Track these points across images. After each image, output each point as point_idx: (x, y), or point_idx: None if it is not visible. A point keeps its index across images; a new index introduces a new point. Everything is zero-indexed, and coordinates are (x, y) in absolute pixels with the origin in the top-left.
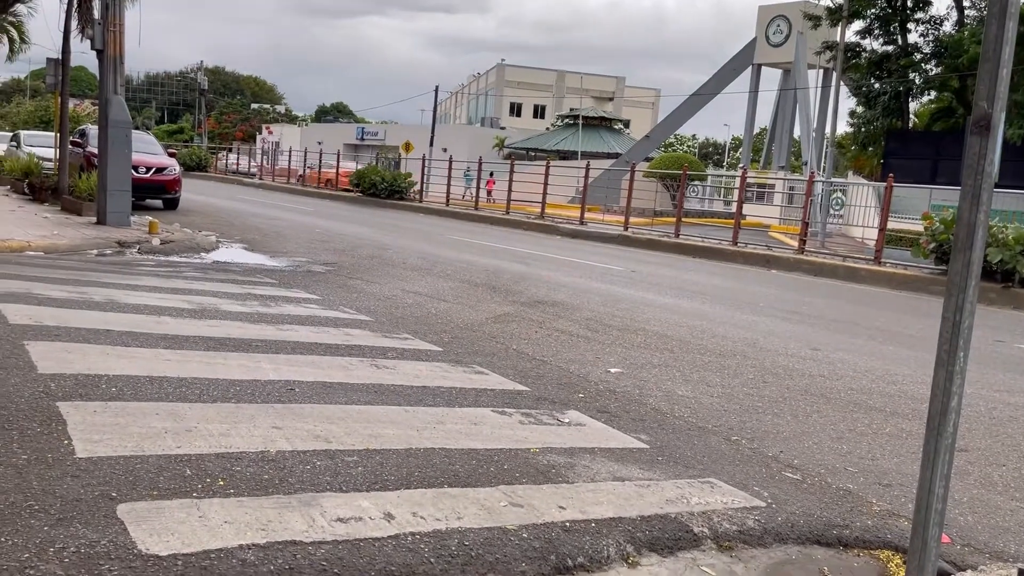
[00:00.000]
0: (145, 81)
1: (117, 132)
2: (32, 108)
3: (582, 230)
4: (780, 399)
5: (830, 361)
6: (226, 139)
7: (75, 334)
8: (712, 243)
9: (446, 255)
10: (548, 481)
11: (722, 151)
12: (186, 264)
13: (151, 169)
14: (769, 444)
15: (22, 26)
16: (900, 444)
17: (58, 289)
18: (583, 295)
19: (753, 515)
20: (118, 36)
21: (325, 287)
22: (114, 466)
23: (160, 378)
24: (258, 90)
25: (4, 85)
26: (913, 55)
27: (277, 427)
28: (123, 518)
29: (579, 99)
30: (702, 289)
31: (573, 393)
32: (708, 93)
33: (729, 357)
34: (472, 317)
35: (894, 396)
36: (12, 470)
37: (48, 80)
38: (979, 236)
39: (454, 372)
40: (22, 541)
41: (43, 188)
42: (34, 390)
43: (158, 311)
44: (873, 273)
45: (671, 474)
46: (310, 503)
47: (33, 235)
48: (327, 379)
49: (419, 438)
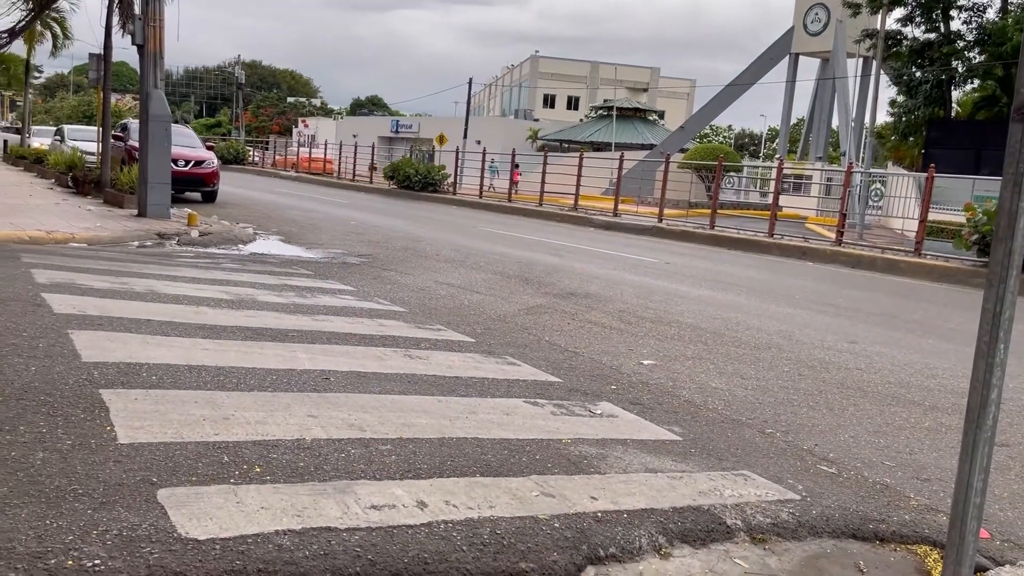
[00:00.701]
0: (184, 76)
1: (157, 126)
2: (75, 103)
3: (616, 222)
4: (816, 392)
5: (867, 354)
6: (263, 132)
7: (117, 323)
8: (747, 235)
9: (479, 247)
10: (580, 472)
11: (758, 142)
12: (224, 255)
13: (190, 162)
14: (804, 437)
15: (65, 22)
16: (939, 438)
17: (101, 280)
18: (616, 287)
19: (787, 508)
20: (158, 31)
21: (360, 278)
22: (154, 452)
23: (199, 367)
24: (294, 84)
25: (48, 80)
26: (956, 42)
27: (312, 415)
28: (163, 503)
29: (613, 90)
30: (737, 281)
31: (605, 385)
32: (744, 83)
33: (764, 350)
34: (505, 308)
35: (933, 390)
36: (57, 455)
37: (91, 75)
38: (1021, 225)
39: (487, 363)
40: (67, 524)
41: (86, 181)
42: (78, 378)
43: (197, 301)
44: (913, 265)
45: (704, 466)
46: (344, 490)
47: (77, 227)
48: (361, 369)
49: (452, 427)
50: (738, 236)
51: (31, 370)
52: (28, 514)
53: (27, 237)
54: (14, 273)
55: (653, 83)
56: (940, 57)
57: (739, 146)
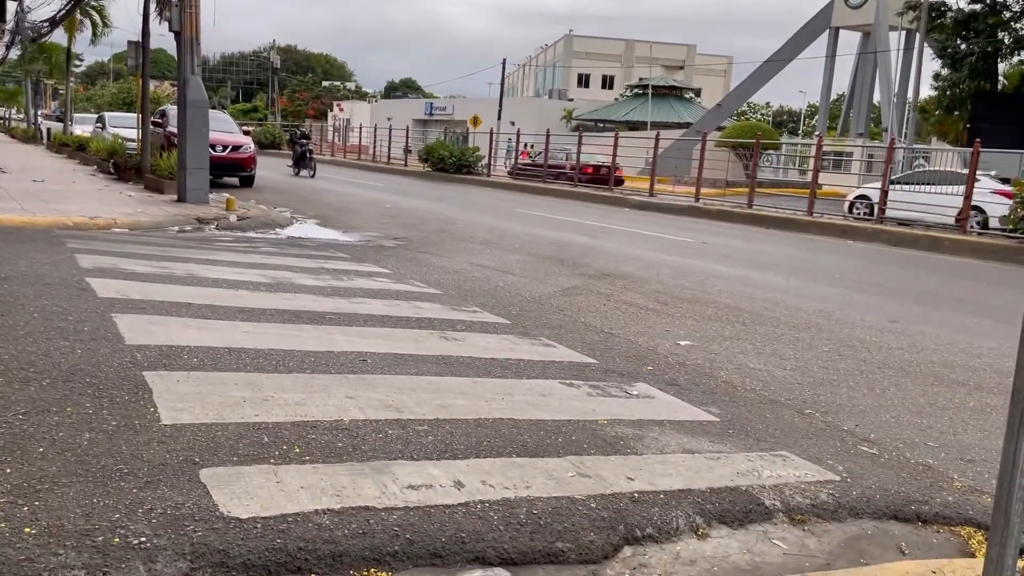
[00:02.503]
0: (221, 61)
1: (195, 112)
2: (115, 90)
3: (651, 202)
4: (856, 372)
5: (909, 333)
6: (298, 117)
7: (159, 307)
8: (786, 213)
9: (513, 228)
10: (616, 452)
11: (797, 119)
12: (262, 239)
13: (227, 147)
14: (844, 418)
15: (103, 10)
16: (984, 419)
17: (142, 264)
18: (652, 267)
19: (827, 489)
20: (194, 18)
21: (395, 261)
22: (196, 433)
23: (238, 349)
24: (329, 67)
25: (88, 69)
26: (1002, 13)
27: (350, 397)
28: (206, 482)
29: (648, 68)
30: (775, 261)
31: (642, 365)
32: (783, 59)
33: (803, 330)
34: (540, 290)
35: (978, 370)
36: (103, 435)
37: (129, 62)
38: None
39: (522, 344)
40: (113, 502)
41: (127, 167)
42: (122, 360)
43: (236, 285)
44: (957, 243)
45: (742, 447)
46: (382, 470)
47: (118, 213)
48: (398, 351)
49: (488, 408)
50: (777, 215)
51: (77, 353)
52: (76, 493)
53: (71, 223)
54: (59, 258)
55: (689, 61)
56: (986, 29)
57: (777, 123)
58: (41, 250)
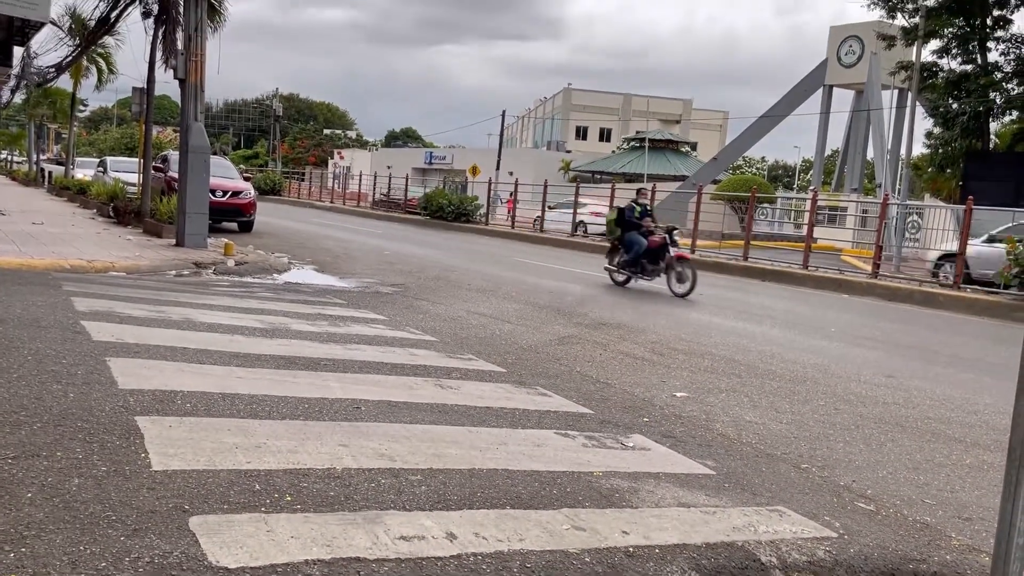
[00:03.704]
0: (223, 108)
1: (196, 157)
2: (118, 135)
3: None
4: (853, 427)
5: (906, 388)
6: (299, 164)
7: (153, 351)
8: (781, 266)
9: (511, 277)
10: (611, 505)
11: (792, 173)
12: (259, 285)
13: (227, 193)
14: (841, 473)
15: (110, 57)
16: (981, 476)
17: (138, 308)
18: (648, 317)
19: (824, 546)
20: (199, 66)
21: (392, 308)
22: (187, 479)
23: (232, 395)
24: (330, 116)
25: (92, 113)
26: (994, 74)
27: (343, 445)
28: (195, 530)
29: (645, 122)
30: (771, 313)
31: (638, 417)
32: (777, 115)
33: (799, 383)
34: (536, 339)
35: (975, 426)
36: (92, 481)
37: (133, 108)
38: None
39: (518, 393)
40: (99, 550)
41: (127, 211)
42: (114, 404)
43: (231, 330)
44: (951, 299)
45: (738, 501)
46: (374, 520)
47: (116, 256)
48: (392, 398)
49: (482, 459)
50: (772, 268)
51: (69, 396)
52: (63, 540)
53: (68, 266)
54: (55, 301)
55: (686, 115)
56: (977, 89)
57: (773, 177)
58: (37, 293)
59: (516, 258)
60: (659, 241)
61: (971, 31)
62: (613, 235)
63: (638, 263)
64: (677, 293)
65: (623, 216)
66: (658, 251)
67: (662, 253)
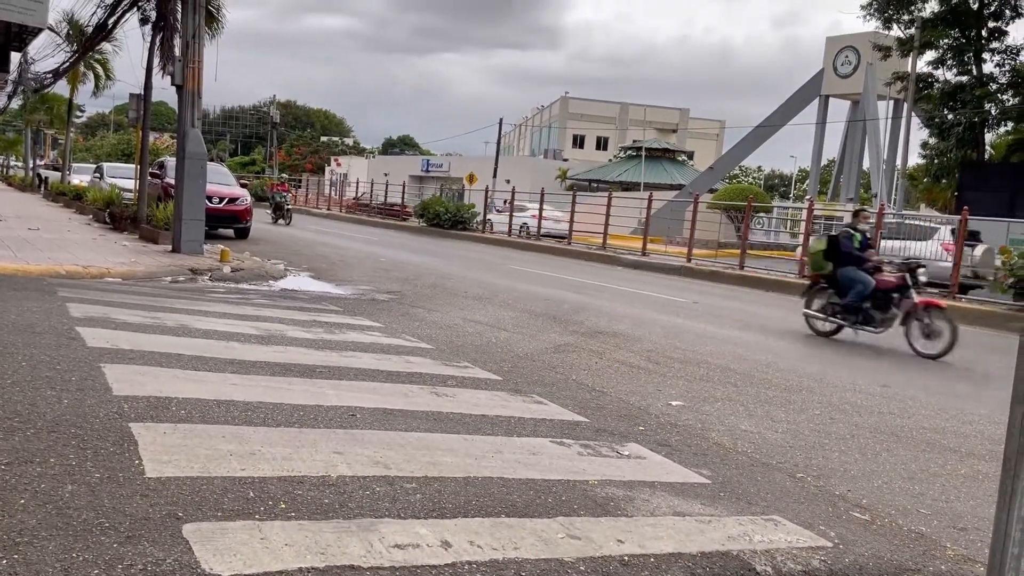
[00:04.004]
0: (221, 115)
1: (193, 164)
2: (115, 141)
3: (644, 261)
4: (848, 436)
5: (901, 398)
6: (296, 171)
7: (148, 358)
8: (777, 275)
9: (507, 285)
10: (606, 514)
11: (788, 183)
12: (255, 291)
13: (224, 199)
14: (836, 482)
15: (107, 63)
16: (976, 486)
17: (134, 314)
18: (644, 326)
19: (819, 555)
20: (197, 72)
21: (388, 315)
22: (181, 486)
23: (227, 402)
24: (328, 123)
25: (89, 119)
26: (989, 85)
27: (338, 452)
28: (188, 537)
29: (642, 131)
30: (766, 322)
31: (633, 425)
32: (774, 124)
33: (795, 392)
34: (532, 346)
35: (970, 436)
36: (86, 488)
37: (130, 114)
38: None
39: (513, 401)
40: (92, 557)
41: (123, 217)
42: (108, 411)
43: (227, 336)
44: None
45: (733, 510)
46: (369, 528)
47: (112, 262)
48: (388, 406)
49: (477, 467)
50: (768, 277)
51: (63, 403)
52: (55, 547)
53: (64, 272)
54: (50, 307)
55: (682, 124)
56: (973, 100)
57: (769, 187)
58: (32, 298)
59: (513, 266)
60: (894, 281)
61: (966, 42)
62: (821, 271)
63: (859, 309)
64: (923, 353)
65: (837, 247)
66: (888, 294)
67: (894, 297)
